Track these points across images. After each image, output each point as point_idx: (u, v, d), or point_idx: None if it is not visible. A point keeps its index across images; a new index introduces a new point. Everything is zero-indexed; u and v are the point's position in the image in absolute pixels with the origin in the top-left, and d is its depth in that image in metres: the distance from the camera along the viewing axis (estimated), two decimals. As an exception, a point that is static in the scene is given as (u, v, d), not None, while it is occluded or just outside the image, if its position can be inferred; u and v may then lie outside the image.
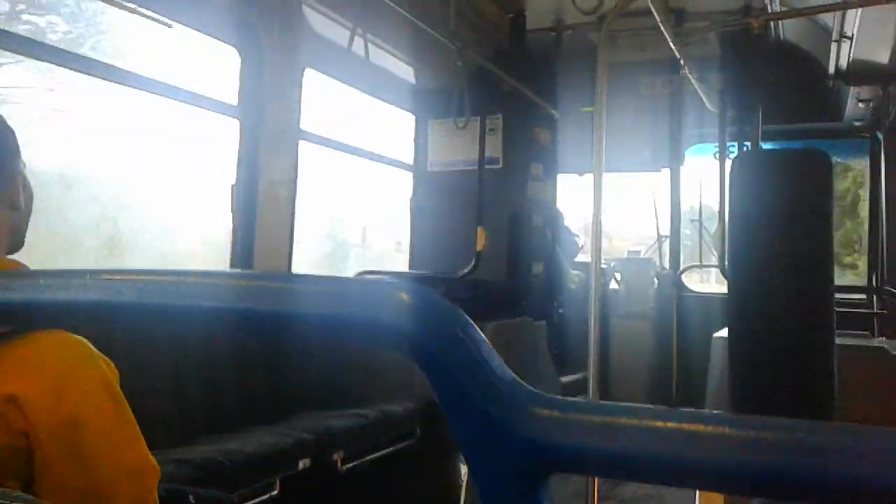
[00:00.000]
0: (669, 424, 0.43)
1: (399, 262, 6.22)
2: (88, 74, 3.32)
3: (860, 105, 5.40)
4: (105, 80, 3.38)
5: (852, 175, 9.65)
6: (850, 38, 4.19)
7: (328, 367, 4.30)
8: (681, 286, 6.45)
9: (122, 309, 0.56)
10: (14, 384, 1.11)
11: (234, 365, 3.62)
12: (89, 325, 1.25)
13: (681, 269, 6.51)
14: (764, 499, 0.43)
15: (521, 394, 0.46)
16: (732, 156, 5.40)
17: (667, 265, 6.71)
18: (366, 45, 3.79)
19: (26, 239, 1.38)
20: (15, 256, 1.34)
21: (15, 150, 1.32)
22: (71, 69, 3.24)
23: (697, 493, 2.97)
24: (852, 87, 5.13)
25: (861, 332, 4.11)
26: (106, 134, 4.14)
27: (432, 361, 0.47)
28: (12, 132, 1.32)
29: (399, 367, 4.23)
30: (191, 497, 1.63)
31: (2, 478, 1.11)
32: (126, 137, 4.24)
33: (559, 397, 0.46)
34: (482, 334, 0.48)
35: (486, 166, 5.29)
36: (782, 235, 2.54)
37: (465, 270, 5.19)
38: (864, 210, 7.59)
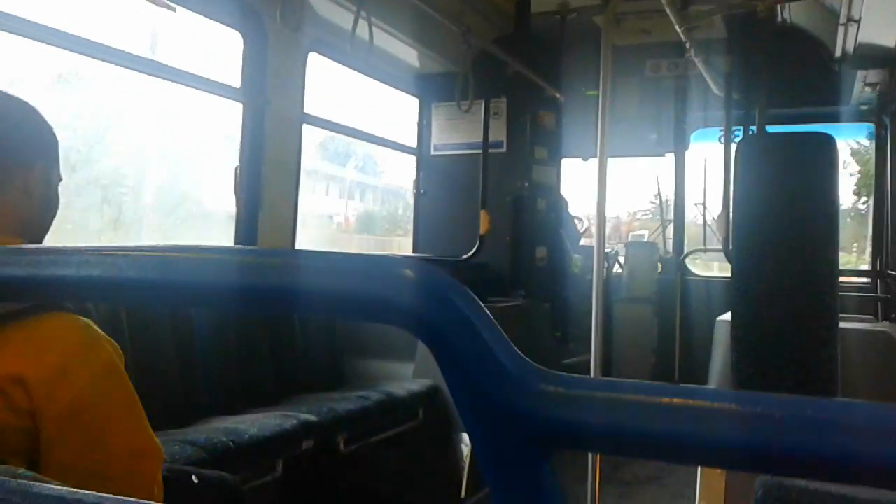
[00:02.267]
0: (674, 400, 0.43)
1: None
2: (93, 57, 3.31)
3: (867, 89, 5.37)
4: (110, 63, 3.38)
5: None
6: (857, 21, 4.16)
7: (332, 349, 4.31)
8: (684, 270, 6.45)
9: (124, 285, 0.56)
10: (20, 365, 1.11)
11: (239, 347, 3.64)
12: (90, 302, 1.26)
13: (684, 253, 6.51)
14: (766, 475, 0.43)
15: (525, 370, 0.46)
16: (737, 139, 5.38)
17: (670, 249, 6.71)
18: (370, 29, 3.78)
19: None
20: None
21: (41, 143, 1.35)
22: (75, 52, 3.23)
23: (699, 472, 2.98)
24: (859, 71, 5.10)
25: (865, 317, 4.11)
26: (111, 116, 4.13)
27: (437, 338, 0.47)
28: (47, 127, 1.36)
29: (402, 350, 4.24)
30: (194, 478, 1.64)
31: (7, 457, 1.11)
32: (130, 119, 4.24)
33: (563, 374, 0.46)
34: (487, 311, 0.48)
35: (490, 150, 5.28)
36: (787, 219, 2.53)
37: (469, 254, 5.19)
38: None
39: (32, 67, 3.32)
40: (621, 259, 6.67)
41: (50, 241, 1.42)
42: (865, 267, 6.40)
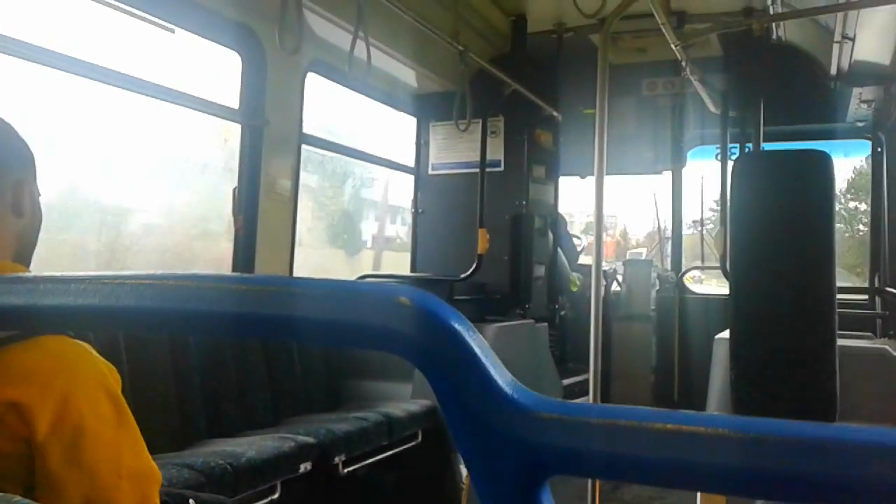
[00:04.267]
0: (669, 427, 0.43)
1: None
2: (91, 79, 3.32)
3: (862, 105, 5.39)
4: (108, 84, 3.39)
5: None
6: (852, 39, 4.19)
7: (329, 370, 4.30)
8: (682, 287, 6.45)
9: (122, 313, 0.56)
10: (16, 390, 1.11)
11: (236, 369, 3.63)
12: (89, 330, 1.25)
13: (682, 270, 6.51)
14: (766, 500, 0.43)
15: (519, 396, 0.46)
16: (734, 157, 5.40)
17: (668, 267, 6.71)
18: (367, 49, 3.80)
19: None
20: None
21: (21, 159, 1.32)
22: (74, 74, 3.24)
23: (699, 495, 2.97)
24: (854, 88, 5.12)
25: (863, 334, 4.11)
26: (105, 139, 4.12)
27: (432, 365, 0.47)
28: (23, 142, 1.33)
29: (400, 371, 4.23)
30: (191, 501, 1.63)
31: (3, 483, 1.11)
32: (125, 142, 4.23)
33: (558, 400, 0.46)
34: (482, 337, 0.48)
35: (488, 168, 5.29)
36: (784, 236, 2.54)
37: (467, 273, 5.19)
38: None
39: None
40: (619, 277, 6.67)
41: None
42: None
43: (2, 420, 1.10)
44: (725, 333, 2.94)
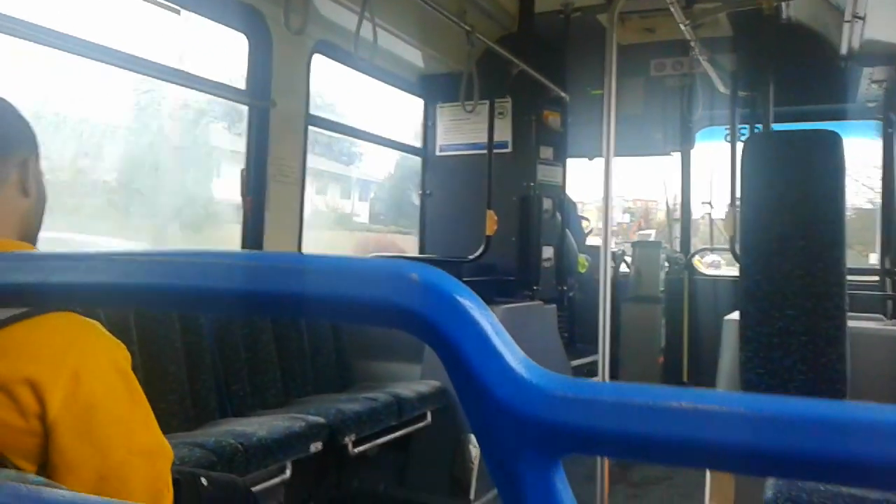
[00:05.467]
0: (682, 404, 0.43)
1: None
2: (98, 61, 3.32)
3: (873, 85, 5.35)
4: (114, 66, 3.39)
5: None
6: (863, 18, 4.14)
7: (339, 350, 4.32)
8: (692, 269, 6.44)
9: (132, 290, 0.56)
10: (28, 367, 1.11)
11: (246, 349, 3.65)
12: (99, 307, 1.26)
13: (692, 252, 6.49)
14: (775, 478, 0.43)
15: (531, 375, 0.46)
16: (744, 138, 5.37)
17: (677, 248, 6.70)
18: (374, 30, 3.78)
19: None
20: None
21: (24, 139, 1.32)
22: (81, 56, 3.24)
23: (708, 473, 2.98)
24: (865, 68, 5.08)
25: (874, 315, 4.09)
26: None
27: (443, 342, 0.47)
28: (25, 122, 1.33)
29: (409, 351, 4.25)
30: (203, 480, 1.65)
31: (16, 460, 1.12)
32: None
33: (570, 378, 0.46)
34: (493, 315, 0.48)
35: (496, 150, 5.28)
36: (794, 217, 2.53)
37: (475, 254, 5.19)
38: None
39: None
40: (628, 259, 6.66)
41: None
42: None
43: (15, 396, 1.11)
44: (735, 315, 2.93)
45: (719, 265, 8.57)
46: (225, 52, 4.20)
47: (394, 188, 7.13)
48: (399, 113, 6.15)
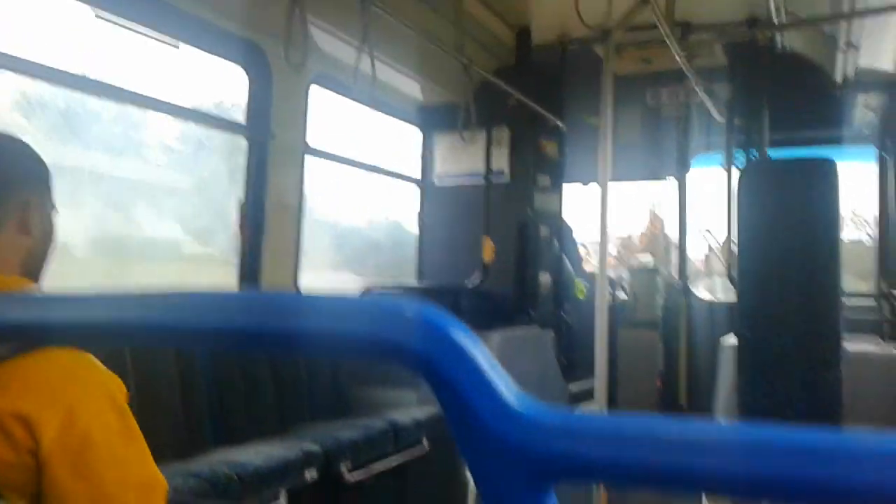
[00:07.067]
0: (674, 434, 0.44)
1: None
2: (100, 97, 3.34)
3: (868, 112, 5.39)
4: (116, 102, 3.41)
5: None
6: (857, 47, 4.19)
7: (335, 377, 4.30)
8: (689, 294, 6.44)
9: (130, 328, 0.57)
10: (22, 402, 1.11)
11: (242, 377, 3.63)
12: (96, 345, 1.26)
13: (688, 277, 6.49)
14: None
15: (523, 406, 0.47)
16: (740, 164, 5.40)
17: (675, 274, 6.70)
18: (372, 62, 3.81)
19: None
20: None
21: (29, 179, 1.33)
22: (82, 92, 3.26)
23: (704, 499, 2.96)
24: (860, 95, 5.12)
25: (870, 337, 4.09)
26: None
27: (436, 376, 0.48)
28: (36, 160, 1.34)
29: (406, 379, 4.23)
30: (199, 510, 1.63)
31: (9, 495, 1.11)
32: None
33: (562, 409, 0.47)
34: (486, 347, 0.49)
35: (493, 179, 5.30)
36: (790, 243, 2.54)
37: (473, 282, 5.19)
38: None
39: None
40: (625, 285, 6.66)
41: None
42: None
43: (8, 432, 1.10)
44: (731, 338, 2.94)
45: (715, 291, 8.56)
46: (219, 83, 4.20)
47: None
48: (397, 143, 6.18)
